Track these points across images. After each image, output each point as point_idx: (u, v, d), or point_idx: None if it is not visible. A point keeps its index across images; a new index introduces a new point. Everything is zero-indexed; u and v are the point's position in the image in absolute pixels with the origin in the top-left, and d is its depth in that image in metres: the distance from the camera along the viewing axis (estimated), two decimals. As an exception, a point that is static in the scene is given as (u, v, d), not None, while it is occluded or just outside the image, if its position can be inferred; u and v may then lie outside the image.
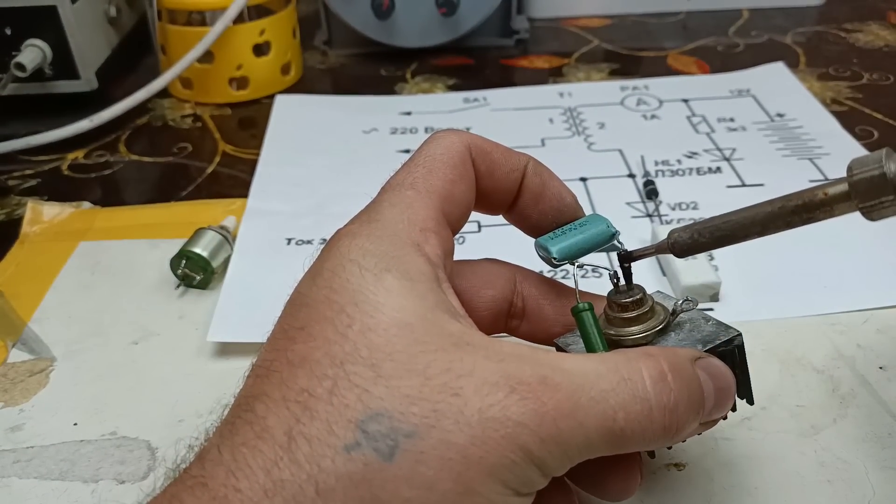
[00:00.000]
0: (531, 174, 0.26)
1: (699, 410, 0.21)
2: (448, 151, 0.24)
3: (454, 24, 0.62)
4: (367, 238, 0.21)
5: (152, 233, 0.43)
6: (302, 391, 0.18)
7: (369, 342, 0.19)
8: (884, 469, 0.28)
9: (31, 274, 0.40)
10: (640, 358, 0.21)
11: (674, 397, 0.20)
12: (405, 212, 0.22)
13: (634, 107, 0.55)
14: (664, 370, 0.20)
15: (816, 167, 0.46)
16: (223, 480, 0.17)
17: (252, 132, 0.54)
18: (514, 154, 0.26)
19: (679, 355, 0.21)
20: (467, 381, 0.18)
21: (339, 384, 0.18)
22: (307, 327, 0.20)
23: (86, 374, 0.34)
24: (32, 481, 0.29)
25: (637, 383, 0.20)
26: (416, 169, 0.23)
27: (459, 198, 0.24)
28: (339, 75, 0.63)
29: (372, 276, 0.20)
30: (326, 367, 0.19)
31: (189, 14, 0.56)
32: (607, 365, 0.20)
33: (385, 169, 0.26)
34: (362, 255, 0.20)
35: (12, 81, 0.52)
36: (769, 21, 0.70)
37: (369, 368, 0.18)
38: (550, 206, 0.26)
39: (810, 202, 0.21)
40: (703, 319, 0.25)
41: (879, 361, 0.33)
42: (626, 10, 0.72)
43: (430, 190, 0.23)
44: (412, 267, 0.21)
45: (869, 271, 0.38)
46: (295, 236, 0.42)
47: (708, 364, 0.22)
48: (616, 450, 0.20)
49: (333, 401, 0.18)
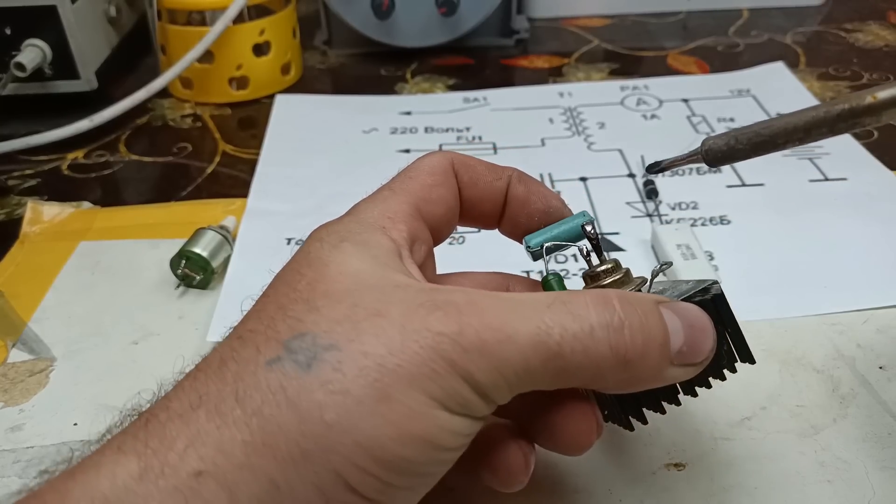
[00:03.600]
0: (515, 183, 0.27)
1: (662, 345, 0.20)
2: (429, 163, 0.25)
3: (454, 24, 0.62)
4: (337, 223, 0.23)
5: (152, 233, 0.43)
6: (245, 331, 0.20)
7: (313, 289, 0.20)
8: (884, 469, 0.28)
9: (31, 274, 0.40)
10: (586, 291, 0.21)
11: (618, 318, 0.20)
12: (377, 205, 0.23)
13: (634, 107, 0.55)
14: (610, 296, 0.20)
15: (816, 167, 0.46)
16: (159, 405, 0.19)
17: (252, 132, 0.54)
18: (497, 167, 0.27)
19: (637, 294, 0.21)
20: (395, 306, 0.19)
21: (276, 319, 0.19)
22: (265, 291, 0.21)
23: (86, 374, 0.34)
24: (32, 482, 0.29)
25: (578, 305, 0.19)
26: (396, 177, 0.25)
27: (437, 199, 0.25)
28: (339, 75, 0.63)
29: (329, 245, 0.21)
30: (272, 311, 0.20)
31: (189, 14, 0.56)
32: (548, 295, 0.20)
33: (385, 169, 0.26)
34: (326, 233, 0.22)
35: (12, 81, 0.52)
36: (769, 21, 0.70)
37: (305, 304, 0.19)
38: (537, 209, 0.27)
39: (857, 107, 0.20)
40: (683, 282, 0.24)
41: (879, 361, 0.33)
42: (626, 10, 0.72)
43: (404, 190, 0.24)
44: (370, 239, 0.22)
45: (869, 271, 0.38)
46: (295, 236, 0.42)
47: (675, 305, 0.21)
48: (560, 375, 0.19)
49: (268, 332, 0.19)
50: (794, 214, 0.42)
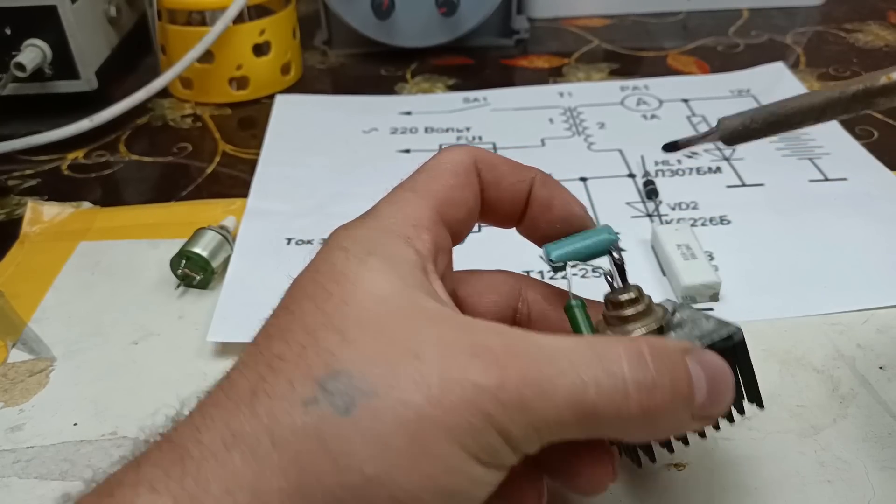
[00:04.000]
0: (539, 185, 0.26)
1: (687, 399, 0.20)
2: (452, 161, 0.24)
3: (454, 24, 0.62)
4: (359, 228, 0.22)
5: (152, 233, 0.43)
6: (274, 357, 0.19)
7: (343, 313, 0.19)
8: (884, 469, 0.28)
9: (31, 274, 0.40)
10: (619, 341, 0.20)
11: (651, 377, 0.19)
12: (400, 209, 0.23)
13: (634, 107, 0.55)
14: (643, 352, 0.20)
15: (816, 167, 0.46)
16: (188, 435, 0.18)
17: (252, 132, 0.54)
18: (521, 167, 0.26)
19: (667, 344, 0.21)
20: (432, 347, 0.19)
21: (307, 349, 0.19)
22: (290, 306, 0.21)
23: (86, 374, 0.34)
24: (32, 481, 0.29)
25: (612, 361, 0.19)
26: (418, 176, 0.24)
27: (460, 202, 0.24)
28: (339, 75, 0.63)
29: (356, 258, 0.21)
30: (300, 335, 0.19)
31: (189, 14, 0.56)
32: (582, 342, 0.20)
33: (385, 169, 0.26)
34: (351, 242, 0.21)
35: (12, 81, 0.52)
36: (769, 21, 0.70)
37: (338, 334, 0.19)
38: (559, 217, 0.26)
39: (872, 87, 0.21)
40: (704, 318, 0.24)
41: (879, 361, 0.33)
42: (626, 10, 0.72)
43: (428, 192, 0.24)
44: (396, 253, 0.21)
45: (869, 271, 0.38)
46: (295, 236, 0.42)
47: (700, 355, 0.21)
48: (590, 429, 0.20)
49: (300, 363, 0.19)
50: (794, 214, 0.42)
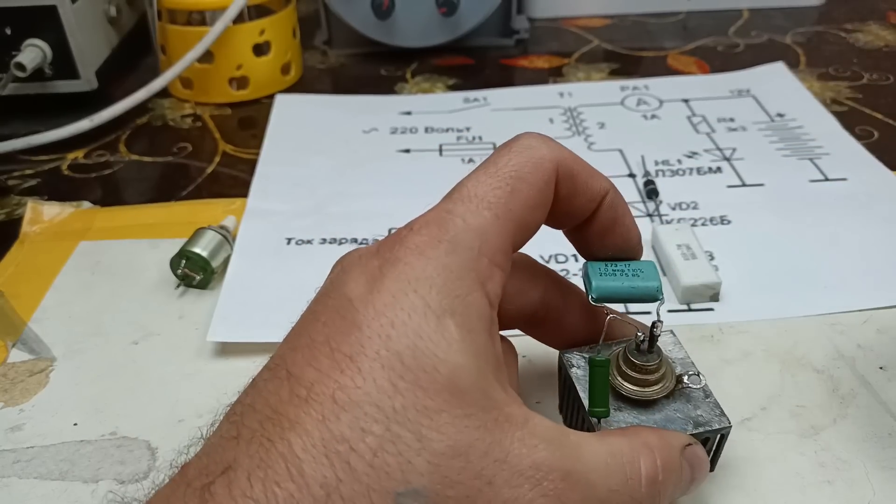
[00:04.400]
0: (606, 207, 0.25)
1: (678, 486, 0.23)
2: (536, 170, 0.22)
3: (454, 24, 0.62)
4: (436, 264, 0.20)
5: (152, 233, 0.43)
6: (343, 440, 0.17)
7: (419, 403, 0.18)
8: (884, 469, 0.28)
9: (31, 274, 0.40)
10: (641, 451, 0.22)
11: (660, 493, 0.22)
12: (479, 237, 0.21)
13: (634, 107, 0.55)
14: (657, 470, 0.22)
15: (816, 167, 0.46)
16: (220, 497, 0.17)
17: (252, 132, 0.54)
18: (596, 180, 0.24)
19: (672, 447, 0.23)
20: (500, 469, 0.19)
21: (384, 446, 0.18)
22: (356, 358, 0.18)
23: (86, 374, 0.34)
24: (32, 481, 0.29)
25: (635, 484, 0.21)
26: (499, 183, 0.22)
27: (533, 225, 0.23)
28: (339, 75, 0.63)
29: (434, 318, 0.19)
30: (372, 421, 0.18)
31: (189, 14, 0.56)
32: (616, 459, 0.21)
33: (385, 169, 0.26)
34: (428, 288, 0.19)
35: (12, 81, 0.52)
36: (769, 21, 0.70)
37: (415, 437, 0.18)
38: (615, 244, 0.25)
39: None
40: (703, 394, 0.26)
41: (879, 361, 0.33)
42: (626, 10, 0.72)
43: (509, 216, 0.21)
44: (473, 312, 0.20)
45: (869, 271, 0.38)
46: (295, 236, 0.42)
47: (693, 454, 0.24)
48: None
49: (375, 463, 0.17)
50: (794, 214, 0.42)
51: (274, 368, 0.20)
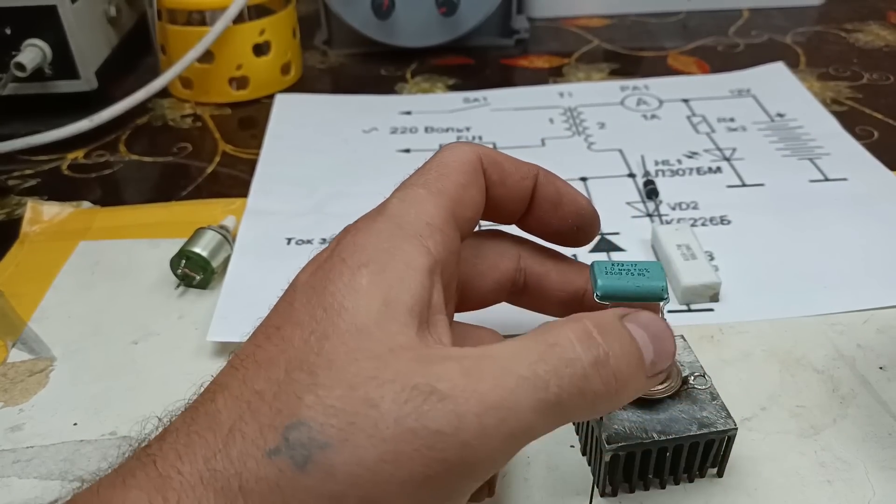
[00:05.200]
0: (543, 182, 0.26)
1: (639, 363, 0.21)
2: (460, 159, 0.24)
3: (454, 24, 0.62)
4: (366, 232, 0.22)
5: (152, 232, 0.43)
6: (255, 392, 0.19)
7: (321, 348, 0.19)
8: (884, 469, 0.28)
9: (31, 273, 0.40)
10: (564, 323, 0.21)
11: (603, 350, 0.20)
12: (413, 206, 0.22)
13: (634, 107, 0.55)
14: (589, 328, 0.20)
15: (816, 167, 0.46)
16: (171, 461, 0.19)
17: (252, 132, 0.54)
18: (523, 163, 0.26)
19: (604, 315, 0.21)
20: (388, 389, 0.18)
21: (282, 388, 0.19)
22: (282, 328, 0.20)
23: (86, 373, 0.34)
24: (32, 481, 0.29)
25: (565, 346, 0.20)
26: (427, 173, 0.24)
27: (469, 202, 0.24)
28: (339, 75, 0.63)
29: (349, 272, 0.20)
30: (280, 371, 0.19)
31: (189, 14, 0.56)
32: (534, 336, 0.20)
33: (385, 169, 0.26)
34: (351, 252, 0.21)
35: (12, 81, 0.52)
36: (769, 21, 0.70)
37: (309, 375, 0.19)
38: (570, 211, 0.27)
39: None
40: (710, 396, 0.26)
41: (879, 361, 0.33)
42: (626, 10, 0.72)
43: (441, 191, 0.23)
44: (398, 259, 0.21)
45: (869, 271, 0.38)
46: (295, 236, 0.42)
47: (636, 317, 0.22)
48: (559, 422, 0.20)
49: (274, 404, 0.19)
50: (794, 214, 0.42)
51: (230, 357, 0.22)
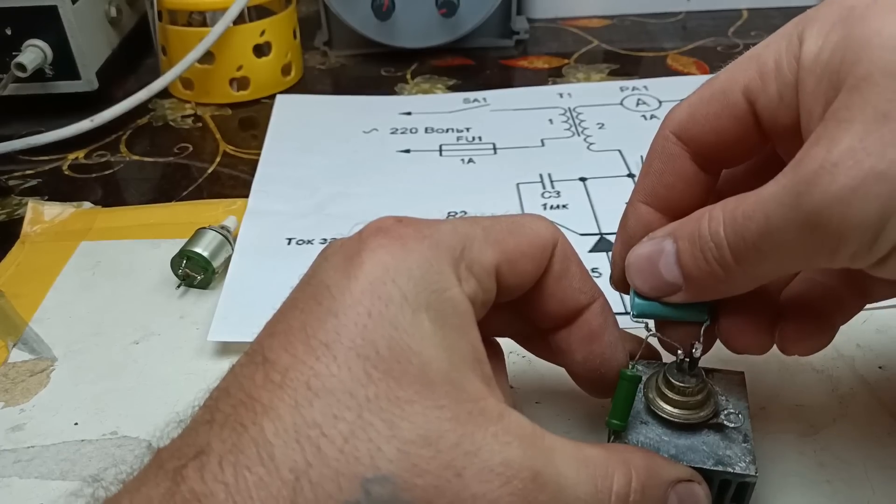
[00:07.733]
0: (598, 310, 0.25)
1: None
2: (533, 230, 0.23)
3: (454, 25, 0.62)
4: (417, 257, 0.20)
5: (153, 233, 0.43)
6: (315, 426, 0.18)
7: (391, 393, 0.18)
8: (884, 469, 0.28)
9: (31, 274, 0.40)
10: (618, 466, 0.21)
11: (631, 499, 0.21)
12: (463, 242, 0.21)
13: (634, 107, 0.55)
14: (630, 491, 0.21)
15: (816, 167, 0.46)
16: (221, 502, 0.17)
17: (252, 132, 0.54)
18: (591, 280, 0.25)
19: (659, 475, 0.22)
20: (471, 462, 0.18)
21: (355, 433, 0.18)
22: (331, 346, 0.19)
23: (86, 373, 0.34)
24: (33, 481, 0.29)
25: (604, 497, 0.20)
26: (493, 223, 0.23)
27: (521, 271, 0.23)
28: (339, 76, 0.63)
29: (410, 311, 0.19)
30: (344, 408, 0.18)
31: (189, 14, 0.56)
32: (588, 469, 0.21)
33: (385, 169, 0.26)
34: (406, 280, 0.20)
35: (13, 81, 0.52)
36: (769, 21, 0.70)
37: (386, 425, 0.18)
38: (600, 353, 0.25)
39: None
40: (742, 436, 0.25)
41: (879, 361, 0.33)
42: (626, 11, 0.72)
43: (497, 239, 0.22)
44: (449, 308, 0.20)
45: (868, 271, 0.38)
46: (295, 236, 0.42)
47: (688, 492, 0.22)
48: None
49: (345, 449, 0.17)
50: (794, 215, 0.42)
51: (251, 354, 0.20)
